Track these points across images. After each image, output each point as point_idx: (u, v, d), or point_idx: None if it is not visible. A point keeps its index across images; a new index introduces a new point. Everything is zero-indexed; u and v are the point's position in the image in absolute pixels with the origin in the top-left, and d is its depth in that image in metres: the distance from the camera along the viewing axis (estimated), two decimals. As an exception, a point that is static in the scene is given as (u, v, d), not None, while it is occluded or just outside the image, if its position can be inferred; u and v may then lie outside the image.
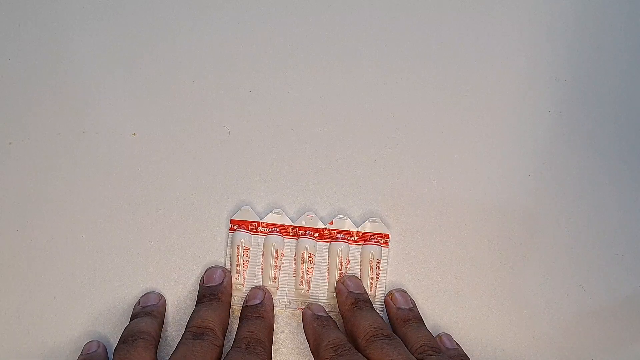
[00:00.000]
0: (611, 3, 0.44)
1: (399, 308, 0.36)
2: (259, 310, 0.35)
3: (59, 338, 0.36)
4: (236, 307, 0.37)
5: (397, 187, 0.40)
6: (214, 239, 0.38)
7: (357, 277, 0.37)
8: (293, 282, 0.38)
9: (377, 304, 0.37)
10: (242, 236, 0.38)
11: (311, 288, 0.37)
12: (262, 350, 0.32)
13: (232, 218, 0.38)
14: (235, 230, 0.38)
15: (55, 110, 0.40)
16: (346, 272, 0.38)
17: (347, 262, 0.38)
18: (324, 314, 0.36)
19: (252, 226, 0.38)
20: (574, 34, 0.43)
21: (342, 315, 0.36)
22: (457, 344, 0.36)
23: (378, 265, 0.38)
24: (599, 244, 0.39)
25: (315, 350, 0.33)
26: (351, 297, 0.36)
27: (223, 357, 0.32)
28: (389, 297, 0.37)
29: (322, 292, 0.37)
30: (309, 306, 0.36)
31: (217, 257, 0.38)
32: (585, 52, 0.43)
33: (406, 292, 0.37)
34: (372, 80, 0.42)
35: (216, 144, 0.40)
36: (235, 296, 0.37)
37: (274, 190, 0.39)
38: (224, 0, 0.43)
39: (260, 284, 0.37)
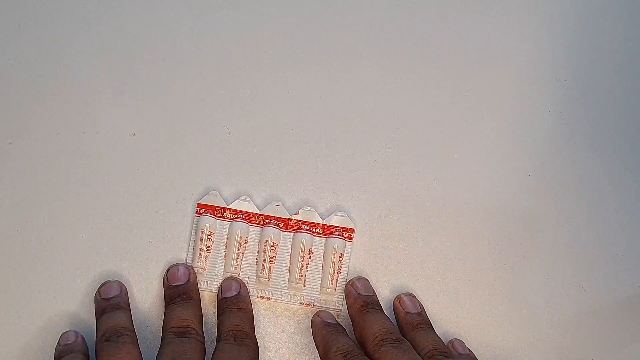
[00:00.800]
0: (611, 3, 0.44)
1: (407, 312, 0.36)
2: (238, 302, 0.36)
3: (58, 338, 0.36)
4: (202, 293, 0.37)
5: (397, 187, 0.40)
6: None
7: (366, 279, 0.37)
8: (255, 270, 0.38)
9: (337, 296, 0.37)
10: (207, 220, 0.38)
11: (272, 277, 0.37)
12: (250, 341, 0.33)
13: (198, 202, 0.38)
14: (201, 214, 0.38)
15: (55, 110, 0.40)
16: (308, 264, 0.37)
17: (310, 253, 0.38)
18: (333, 321, 0.36)
19: (218, 211, 0.38)
20: (574, 34, 0.43)
21: (351, 318, 0.36)
22: (470, 350, 0.36)
23: (340, 259, 0.37)
24: (599, 244, 0.39)
25: (324, 356, 0.33)
26: (360, 299, 0.35)
27: (213, 349, 0.33)
28: (398, 301, 0.37)
29: (282, 282, 0.37)
30: (318, 313, 0.36)
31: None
32: (585, 52, 0.43)
33: (414, 297, 0.37)
34: (372, 80, 0.42)
35: (216, 143, 0.40)
36: (197, 280, 0.37)
37: (273, 185, 0.39)
38: (224, 0, 0.43)
39: (222, 270, 0.37)
